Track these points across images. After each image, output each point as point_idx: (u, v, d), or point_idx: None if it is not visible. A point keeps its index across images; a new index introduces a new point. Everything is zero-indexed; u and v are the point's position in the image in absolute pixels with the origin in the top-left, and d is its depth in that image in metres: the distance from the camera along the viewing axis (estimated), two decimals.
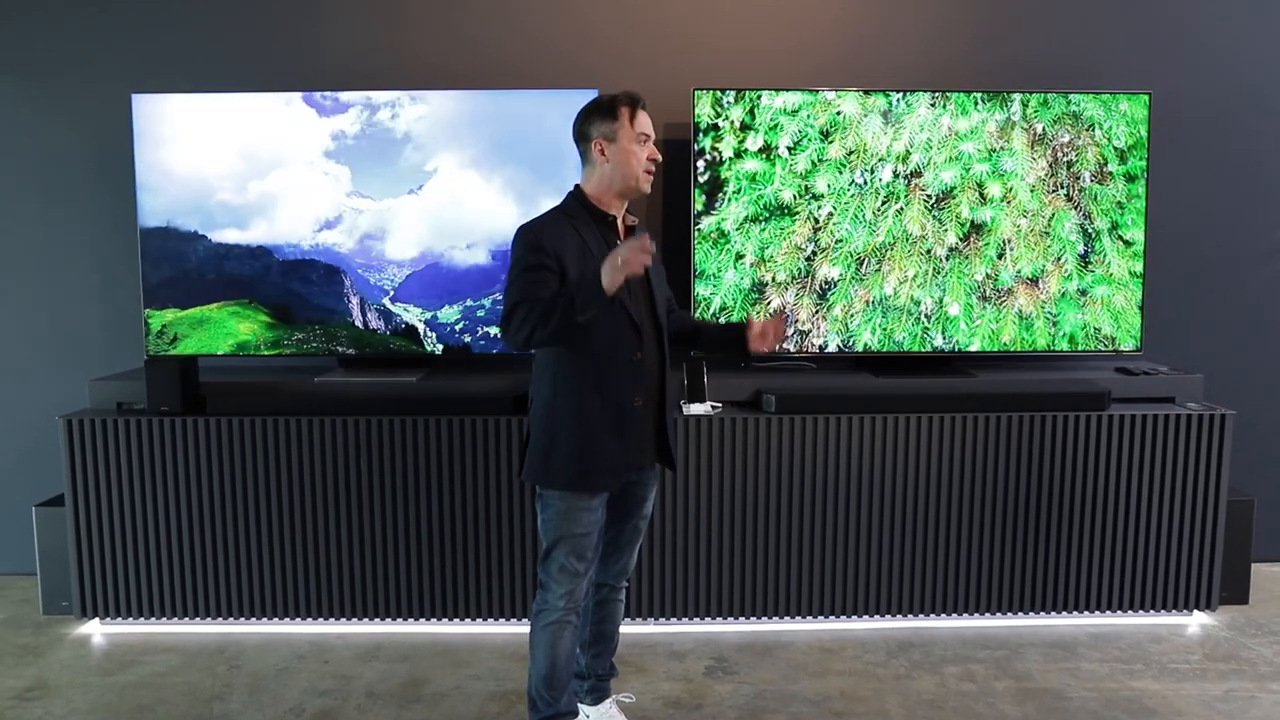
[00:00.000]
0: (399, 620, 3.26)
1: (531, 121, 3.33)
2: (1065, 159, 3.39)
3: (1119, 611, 3.33)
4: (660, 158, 2.35)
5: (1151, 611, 3.33)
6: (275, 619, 3.26)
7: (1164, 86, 3.53)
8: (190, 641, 3.21)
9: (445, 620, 3.27)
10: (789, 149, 3.34)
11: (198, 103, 3.33)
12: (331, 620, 3.26)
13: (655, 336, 2.36)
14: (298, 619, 3.26)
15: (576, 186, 2.37)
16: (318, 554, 3.22)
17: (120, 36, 3.58)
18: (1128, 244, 3.43)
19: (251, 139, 3.33)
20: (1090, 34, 3.64)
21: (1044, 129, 3.37)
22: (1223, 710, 2.79)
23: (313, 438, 3.18)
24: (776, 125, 3.33)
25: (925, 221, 3.38)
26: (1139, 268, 3.44)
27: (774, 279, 3.39)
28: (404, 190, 3.36)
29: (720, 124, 3.34)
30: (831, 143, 3.35)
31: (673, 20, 3.60)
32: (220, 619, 3.26)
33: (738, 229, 3.37)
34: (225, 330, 3.41)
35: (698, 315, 3.37)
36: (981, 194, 3.38)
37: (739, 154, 3.35)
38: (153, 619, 3.26)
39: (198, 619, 3.25)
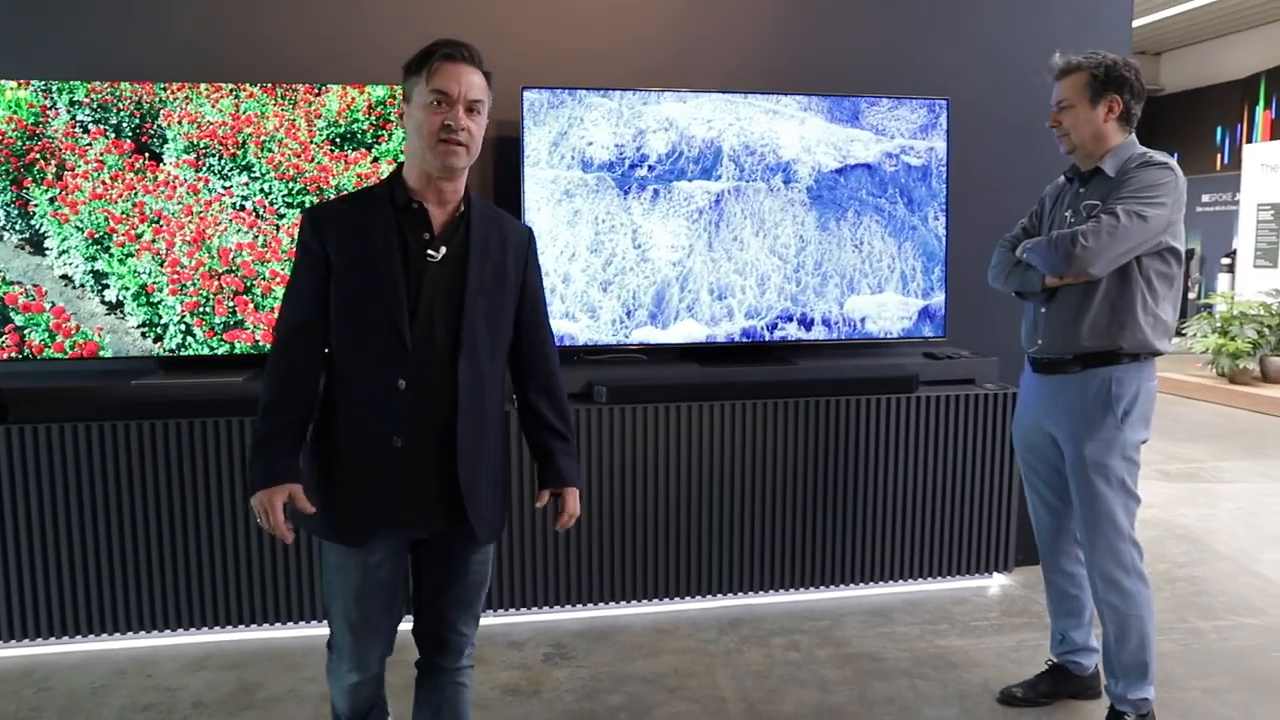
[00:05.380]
0: (228, 628, 3.17)
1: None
2: None
3: (929, 578, 3.60)
4: (462, 124, 1.79)
5: (957, 576, 3.62)
6: (92, 636, 3.10)
7: (962, 92, 3.82)
8: None
9: (278, 625, 3.19)
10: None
11: None
12: (155, 633, 3.13)
13: (449, 360, 1.85)
14: (117, 634, 3.11)
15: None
16: (138, 565, 3.08)
17: None
18: None
19: None
20: (900, 43, 3.89)
21: None
22: (1015, 659, 3.07)
23: (130, 443, 3.04)
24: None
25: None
26: None
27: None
28: None
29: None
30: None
31: (502, 19, 3.62)
32: (28, 640, 3.07)
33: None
34: None
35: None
36: None
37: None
38: None
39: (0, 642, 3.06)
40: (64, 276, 3.16)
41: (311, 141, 3.24)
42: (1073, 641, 2.76)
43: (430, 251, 1.85)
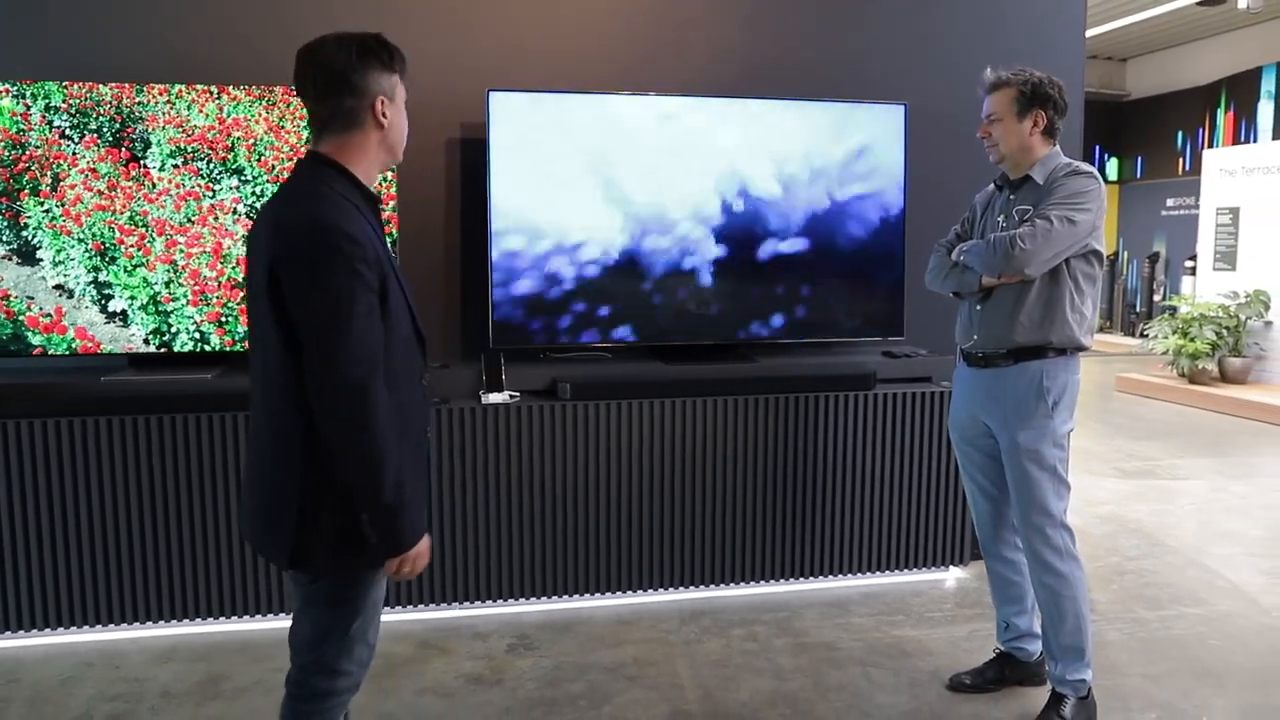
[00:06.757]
0: (196, 620, 3.21)
1: None
2: None
3: (887, 571, 3.70)
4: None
5: (914, 569, 3.72)
6: (60, 629, 3.14)
7: (919, 97, 3.92)
8: None
9: (245, 617, 3.24)
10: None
11: None
12: (123, 626, 3.17)
13: (423, 349, 1.90)
14: (85, 627, 3.15)
15: (322, 157, 1.77)
16: (106, 558, 3.12)
17: None
18: None
19: None
20: (860, 51, 3.99)
21: None
22: (966, 648, 3.17)
23: (99, 439, 3.08)
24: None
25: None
26: None
27: None
28: None
29: None
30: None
31: (471, 20, 3.68)
32: None
33: None
34: None
35: None
36: None
37: None
38: None
39: None
40: (58, 286, 3.18)
41: (301, 144, 3.27)
42: (1016, 628, 2.86)
43: None
